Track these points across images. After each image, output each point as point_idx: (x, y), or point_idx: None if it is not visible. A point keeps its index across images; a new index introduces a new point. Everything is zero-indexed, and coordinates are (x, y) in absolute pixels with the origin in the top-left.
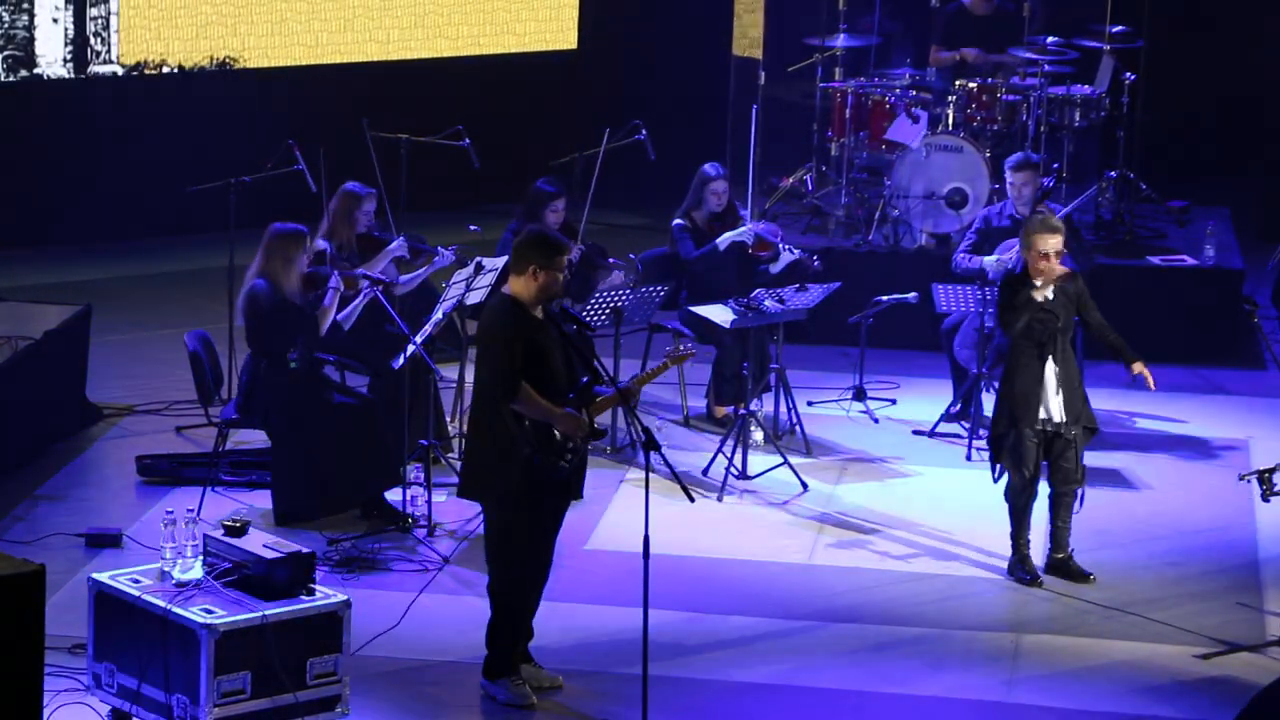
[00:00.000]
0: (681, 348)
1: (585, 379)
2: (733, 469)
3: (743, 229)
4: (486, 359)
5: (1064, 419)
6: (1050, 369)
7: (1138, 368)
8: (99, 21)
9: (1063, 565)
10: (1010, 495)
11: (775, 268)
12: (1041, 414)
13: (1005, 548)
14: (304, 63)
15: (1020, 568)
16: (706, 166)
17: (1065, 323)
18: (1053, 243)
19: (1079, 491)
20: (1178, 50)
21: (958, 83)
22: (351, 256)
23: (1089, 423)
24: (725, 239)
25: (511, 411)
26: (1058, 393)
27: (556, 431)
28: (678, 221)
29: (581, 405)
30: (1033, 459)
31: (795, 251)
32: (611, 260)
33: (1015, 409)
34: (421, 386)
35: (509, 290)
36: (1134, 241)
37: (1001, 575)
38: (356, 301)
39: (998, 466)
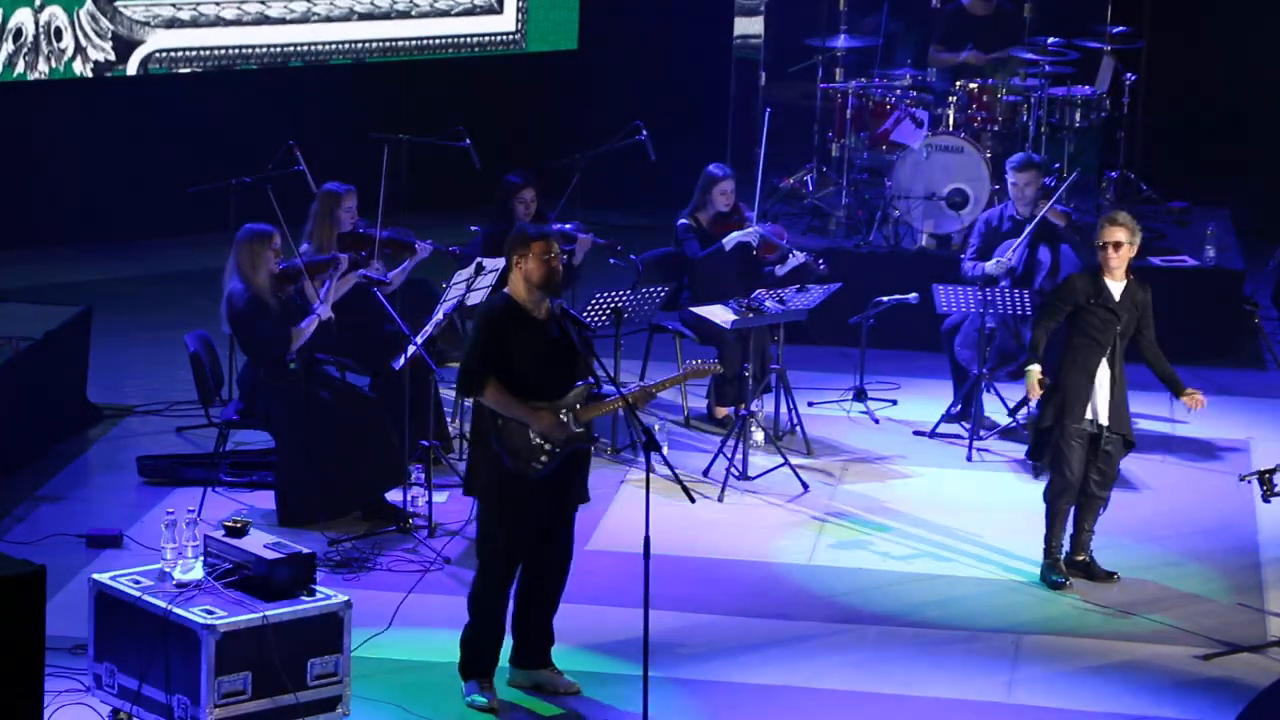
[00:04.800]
0: (705, 363)
1: (584, 381)
2: (733, 469)
3: (749, 230)
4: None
5: (1108, 423)
6: (1104, 369)
7: (1189, 398)
8: (98, 21)
9: (1085, 567)
10: (1050, 497)
11: (781, 270)
12: (1089, 413)
13: (1007, 548)
14: (305, 62)
15: (1052, 571)
16: (713, 167)
17: (1126, 327)
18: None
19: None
20: (1178, 50)
21: (958, 83)
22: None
23: (1128, 434)
24: (731, 239)
25: (490, 409)
26: (1108, 395)
27: (533, 432)
28: (683, 221)
29: (568, 407)
30: (1077, 460)
31: (801, 255)
32: (572, 227)
33: (1065, 403)
34: (422, 387)
35: (507, 289)
36: None
37: (1001, 576)
38: (329, 284)
39: (1038, 463)
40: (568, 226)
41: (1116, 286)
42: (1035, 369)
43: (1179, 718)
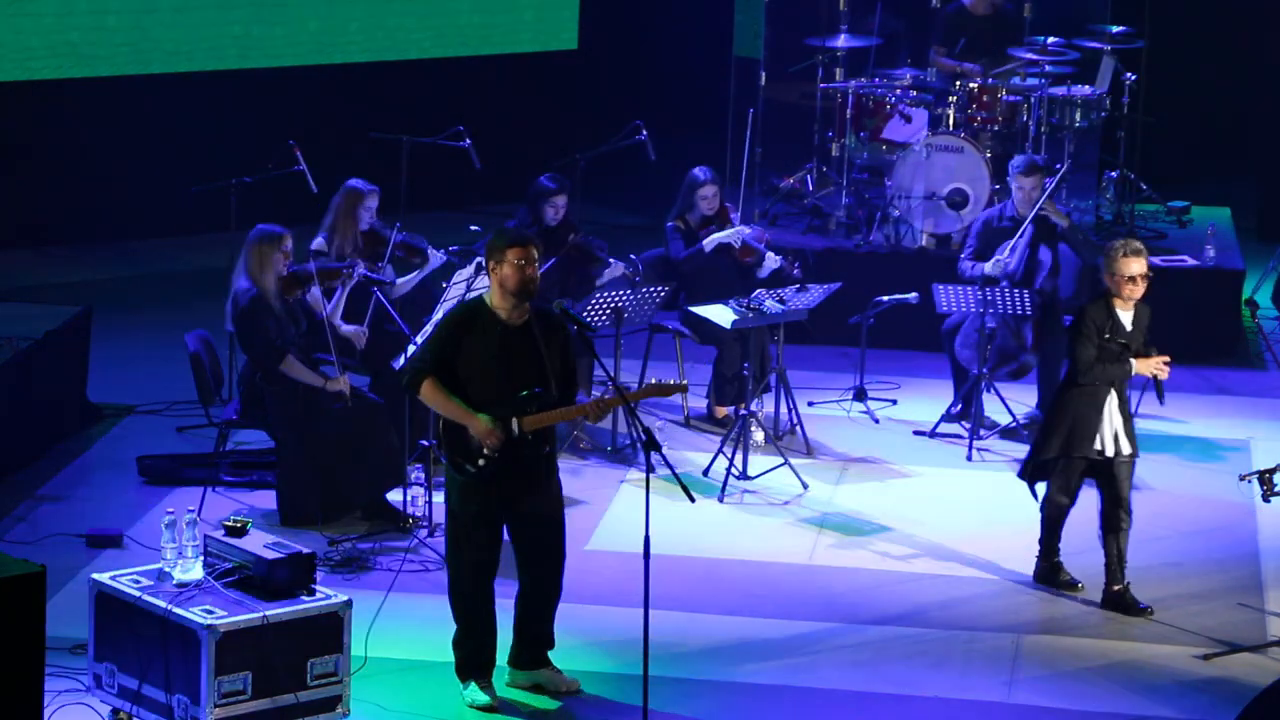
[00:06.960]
0: (672, 380)
1: (537, 390)
2: (733, 469)
3: (729, 231)
4: None
5: (1116, 451)
6: (1113, 398)
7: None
8: (98, 22)
9: (1119, 599)
10: (1050, 509)
11: (762, 272)
12: (1097, 444)
13: (1006, 549)
14: (305, 63)
15: (1055, 576)
16: (695, 170)
17: (1135, 353)
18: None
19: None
20: (1178, 50)
21: (958, 83)
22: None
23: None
24: (711, 241)
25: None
26: (1119, 423)
27: (473, 434)
28: (670, 223)
29: (514, 413)
30: (1077, 480)
31: (777, 259)
32: (603, 253)
33: (1071, 436)
34: None
35: (484, 291)
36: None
37: (1001, 576)
38: (340, 292)
39: (1037, 487)
40: (592, 241)
41: (1127, 315)
42: (1134, 363)
43: (1179, 718)
